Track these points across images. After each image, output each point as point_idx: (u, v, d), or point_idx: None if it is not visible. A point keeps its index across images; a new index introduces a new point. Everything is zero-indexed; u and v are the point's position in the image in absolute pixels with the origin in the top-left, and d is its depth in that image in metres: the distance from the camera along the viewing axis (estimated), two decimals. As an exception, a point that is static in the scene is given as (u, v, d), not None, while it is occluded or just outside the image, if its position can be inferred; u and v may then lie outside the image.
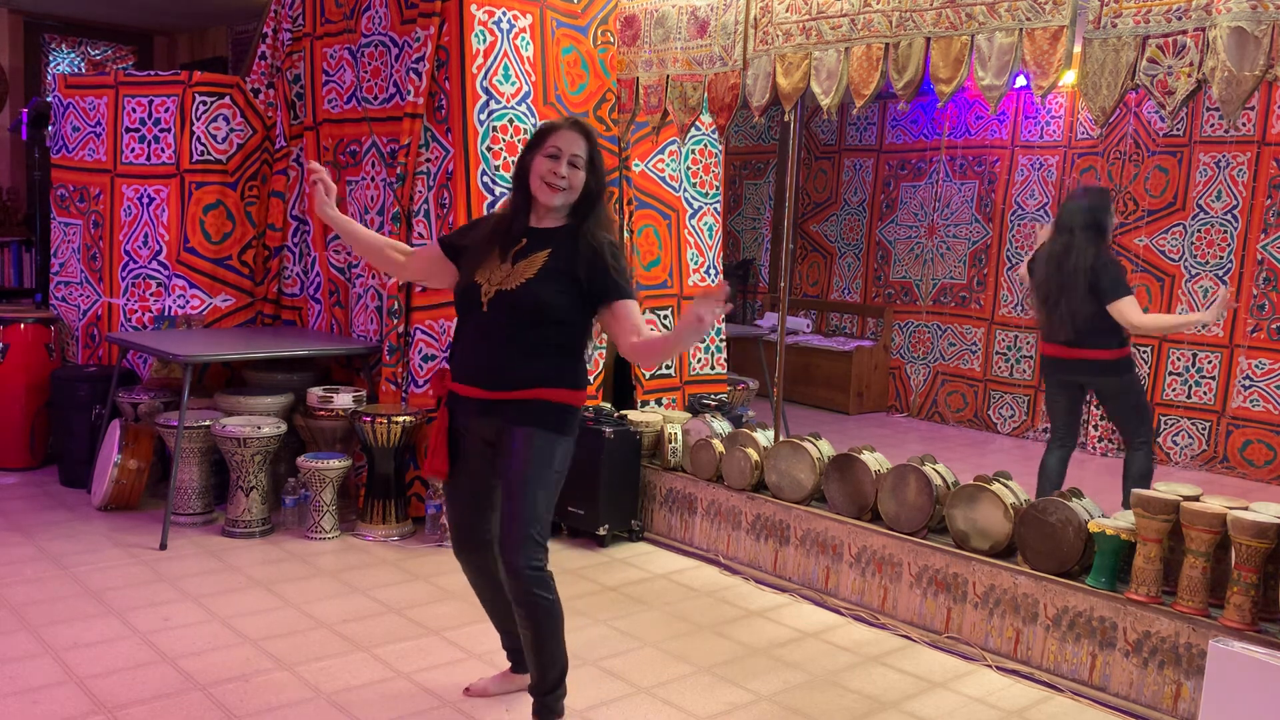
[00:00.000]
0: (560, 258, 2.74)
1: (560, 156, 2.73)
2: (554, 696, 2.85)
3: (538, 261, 2.73)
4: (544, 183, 2.74)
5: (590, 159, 2.77)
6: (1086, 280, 4.17)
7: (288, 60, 5.52)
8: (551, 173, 2.72)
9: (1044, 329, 4.42)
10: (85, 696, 2.99)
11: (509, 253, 2.76)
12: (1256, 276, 5.96)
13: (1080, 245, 4.21)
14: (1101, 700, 3.24)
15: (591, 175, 2.78)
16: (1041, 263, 4.36)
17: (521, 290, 2.71)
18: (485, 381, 2.75)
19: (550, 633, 2.76)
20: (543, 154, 2.75)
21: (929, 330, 7.52)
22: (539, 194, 2.75)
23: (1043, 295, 4.34)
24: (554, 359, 2.76)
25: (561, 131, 2.76)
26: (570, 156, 2.73)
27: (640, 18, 4.85)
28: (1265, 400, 5.93)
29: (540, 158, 2.75)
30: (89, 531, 4.49)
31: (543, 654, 2.78)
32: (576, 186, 2.76)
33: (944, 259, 7.45)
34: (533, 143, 2.79)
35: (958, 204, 7.35)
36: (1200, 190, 6.15)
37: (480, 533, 2.91)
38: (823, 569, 4.09)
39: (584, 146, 2.76)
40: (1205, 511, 3.07)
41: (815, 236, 8.31)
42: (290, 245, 5.56)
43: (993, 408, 7.13)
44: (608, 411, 4.72)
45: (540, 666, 2.81)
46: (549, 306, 2.71)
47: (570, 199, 2.77)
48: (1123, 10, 3.25)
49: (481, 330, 2.76)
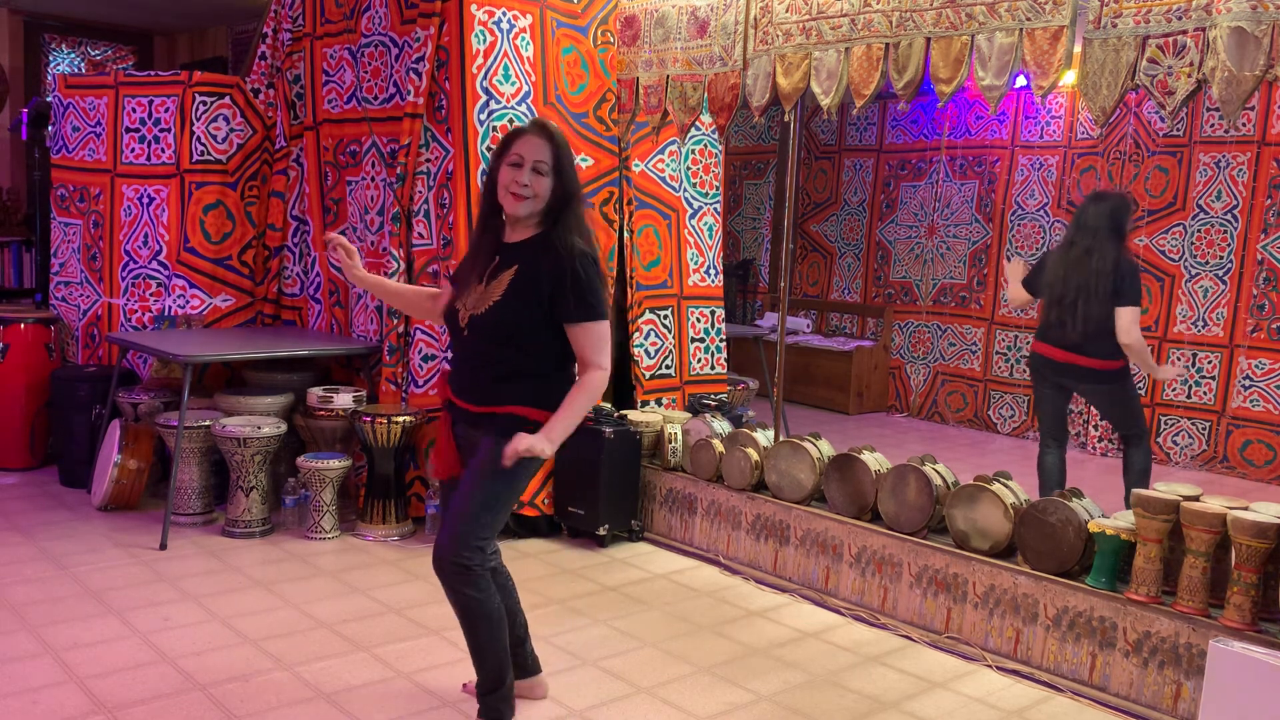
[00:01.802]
0: (525, 275, 2.68)
1: (523, 164, 2.65)
2: (495, 697, 2.84)
3: (504, 281, 2.69)
4: (508, 192, 2.67)
5: (556, 163, 2.67)
6: (1110, 283, 4.13)
7: (288, 60, 5.52)
8: (515, 181, 2.65)
9: (1049, 329, 4.34)
10: (85, 696, 2.99)
11: (484, 273, 2.74)
12: (1256, 276, 5.96)
13: (1103, 248, 4.18)
14: (1101, 700, 3.24)
15: (559, 180, 2.68)
16: (1056, 263, 4.32)
17: (489, 313, 2.69)
18: (469, 398, 2.79)
19: (480, 631, 2.78)
20: (507, 163, 2.68)
21: (929, 330, 7.52)
22: (504, 204, 2.69)
23: (1057, 294, 4.28)
24: (527, 379, 2.72)
25: (525, 138, 2.68)
26: (534, 163, 2.65)
27: (640, 18, 4.85)
28: (1265, 400, 5.93)
29: (505, 166, 2.68)
30: (89, 531, 4.49)
31: (476, 653, 2.82)
32: (542, 194, 2.67)
33: (944, 259, 7.45)
34: (498, 151, 2.72)
35: (958, 204, 7.35)
36: (1200, 190, 6.15)
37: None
38: (823, 569, 4.09)
39: (549, 151, 2.66)
40: (1205, 511, 3.07)
41: (815, 236, 8.31)
42: (290, 245, 5.56)
43: (993, 408, 7.13)
44: (608, 411, 4.72)
45: (477, 665, 2.85)
46: (514, 328, 2.68)
47: (537, 207, 2.69)
48: (1123, 10, 3.25)
49: (463, 352, 2.81)
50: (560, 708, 3.06)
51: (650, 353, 5.16)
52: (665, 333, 5.23)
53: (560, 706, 3.06)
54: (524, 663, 3.04)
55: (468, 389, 2.79)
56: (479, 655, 2.82)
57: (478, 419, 2.77)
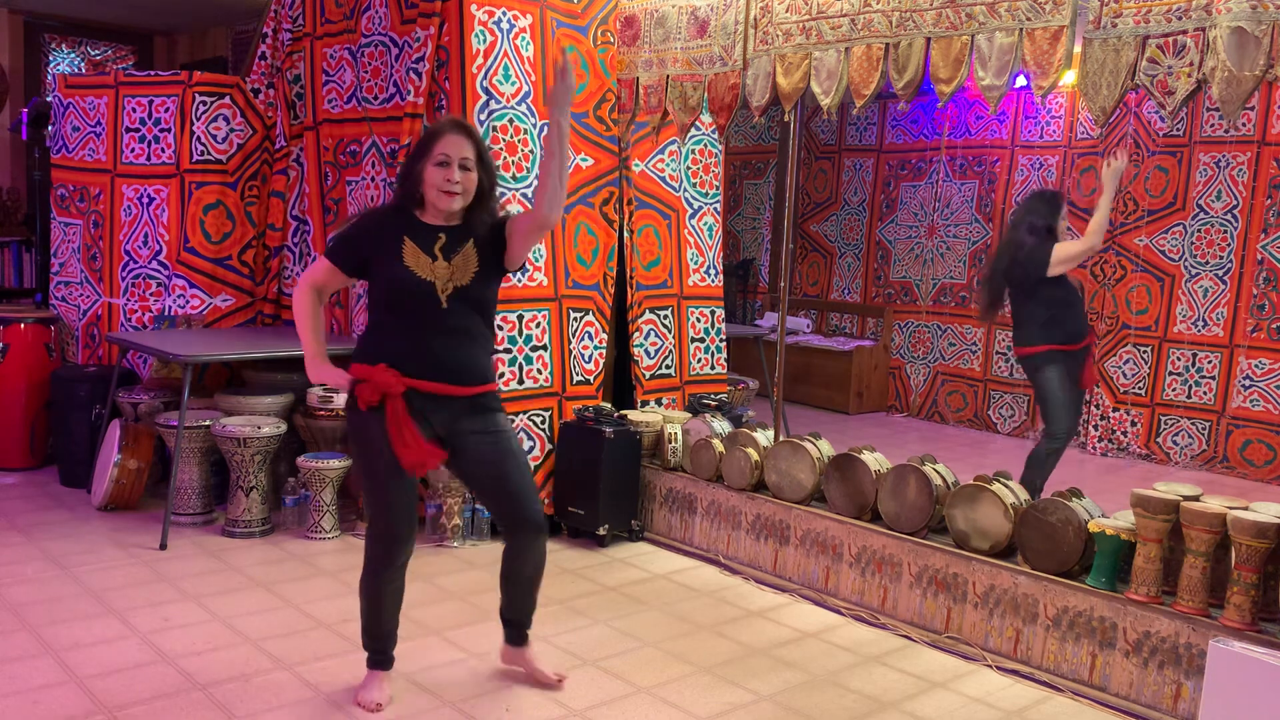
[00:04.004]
0: (482, 248, 2.88)
1: (450, 163, 2.81)
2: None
3: (472, 255, 2.87)
4: (440, 191, 2.82)
5: (479, 157, 2.86)
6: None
7: (288, 60, 5.52)
8: (446, 180, 2.80)
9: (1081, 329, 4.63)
10: (85, 696, 2.99)
11: (433, 249, 2.84)
12: (1256, 276, 5.96)
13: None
14: (1101, 700, 3.24)
15: (483, 172, 2.88)
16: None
17: (474, 284, 2.85)
18: (453, 378, 2.85)
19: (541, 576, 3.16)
20: (432, 162, 2.82)
21: (929, 330, 7.52)
22: (438, 202, 2.84)
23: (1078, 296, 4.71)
24: (490, 351, 2.97)
25: (446, 136, 2.83)
26: (460, 160, 2.82)
27: (640, 18, 4.85)
28: (1265, 400, 5.93)
29: (430, 167, 2.82)
30: (89, 531, 4.49)
31: (533, 595, 3.17)
32: (470, 189, 2.86)
33: (944, 259, 7.45)
34: (420, 149, 2.86)
35: (958, 204, 7.35)
36: (1200, 190, 6.15)
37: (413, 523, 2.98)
38: (823, 569, 4.09)
39: (471, 148, 2.84)
40: (1205, 511, 3.07)
41: (815, 236, 8.31)
42: (290, 245, 5.56)
43: (993, 408, 7.13)
44: (608, 411, 4.72)
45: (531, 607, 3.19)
46: (492, 298, 2.93)
47: (467, 201, 2.87)
48: (1123, 10, 3.25)
49: (444, 327, 2.84)
50: (560, 708, 3.06)
51: (650, 353, 5.16)
52: (665, 333, 5.23)
53: (560, 706, 3.07)
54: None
55: (452, 365, 2.84)
56: (534, 596, 3.16)
57: (459, 402, 2.87)
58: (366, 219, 3.00)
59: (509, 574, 3.12)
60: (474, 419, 2.91)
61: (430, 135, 2.85)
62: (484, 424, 2.93)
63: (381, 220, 2.94)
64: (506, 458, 2.95)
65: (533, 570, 3.11)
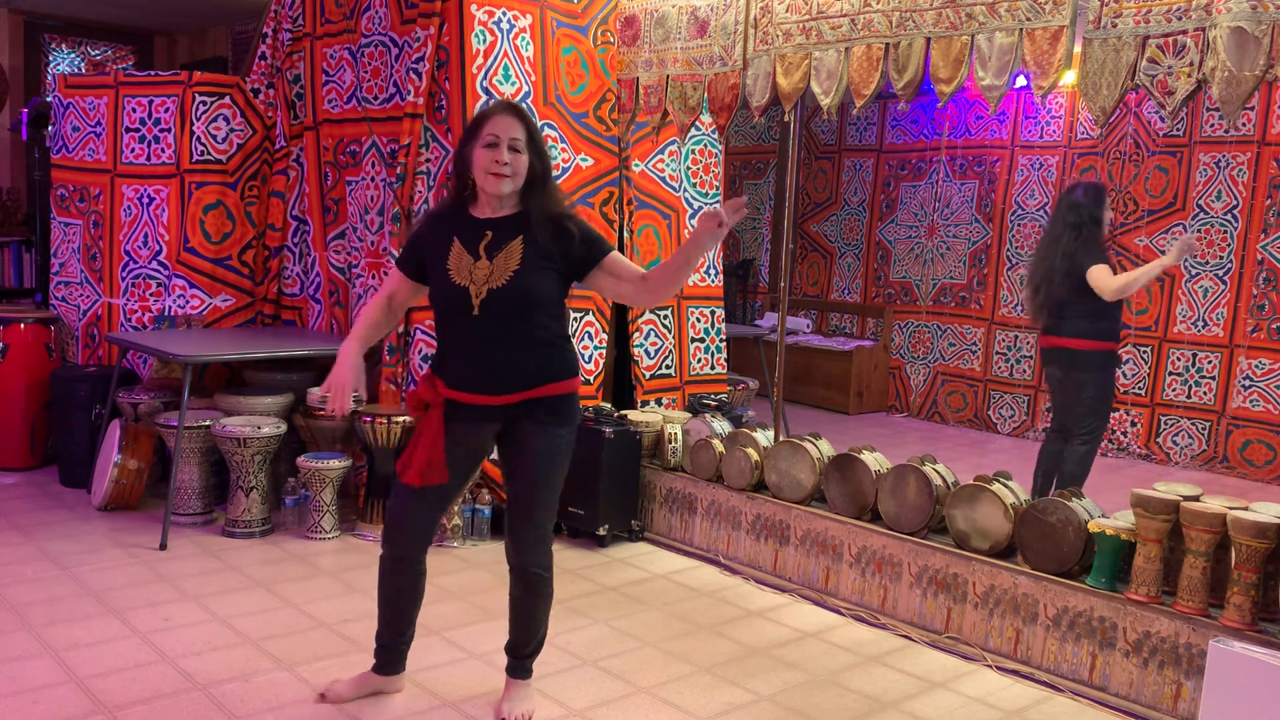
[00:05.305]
0: (534, 241, 2.73)
1: (499, 144, 2.69)
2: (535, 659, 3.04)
3: (515, 250, 2.72)
4: (488, 173, 2.71)
5: (530, 139, 2.74)
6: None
7: (288, 60, 5.52)
8: (494, 161, 2.69)
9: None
10: (85, 696, 2.99)
11: (478, 248, 2.73)
12: (1256, 276, 5.96)
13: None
14: (1101, 700, 3.24)
15: (535, 156, 2.75)
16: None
17: (513, 283, 2.69)
18: (489, 387, 2.73)
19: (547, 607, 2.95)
20: (480, 144, 2.71)
21: (929, 330, 7.52)
22: (486, 185, 2.72)
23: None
24: (552, 349, 2.77)
25: (496, 118, 2.72)
26: (509, 141, 2.70)
27: (640, 18, 4.85)
28: (1265, 400, 5.93)
29: (479, 148, 2.71)
30: (89, 531, 4.49)
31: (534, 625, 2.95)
32: (521, 171, 2.73)
33: (944, 259, 7.45)
34: (469, 133, 2.76)
35: (958, 204, 7.35)
36: (1200, 190, 6.15)
37: (429, 531, 2.91)
38: (823, 569, 4.09)
39: (521, 129, 2.72)
40: (1205, 511, 3.07)
41: (815, 236, 8.31)
42: (290, 245, 5.56)
43: (993, 408, 7.13)
44: (608, 411, 4.72)
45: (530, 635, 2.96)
46: (540, 293, 2.72)
47: (517, 184, 2.74)
48: (1123, 10, 3.25)
49: (476, 334, 2.72)
50: (560, 708, 3.06)
51: (650, 353, 5.17)
52: (665, 333, 5.23)
53: (560, 706, 3.06)
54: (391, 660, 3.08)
55: (486, 374, 2.72)
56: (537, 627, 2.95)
57: (497, 412, 2.75)
58: (424, 221, 2.96)
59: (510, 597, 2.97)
60: (519, 426, 2.78)
61: (480, 117, 2.75)
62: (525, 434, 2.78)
63: (435, 221, 2.87)
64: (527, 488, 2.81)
65: (529, 607, 2.93)
